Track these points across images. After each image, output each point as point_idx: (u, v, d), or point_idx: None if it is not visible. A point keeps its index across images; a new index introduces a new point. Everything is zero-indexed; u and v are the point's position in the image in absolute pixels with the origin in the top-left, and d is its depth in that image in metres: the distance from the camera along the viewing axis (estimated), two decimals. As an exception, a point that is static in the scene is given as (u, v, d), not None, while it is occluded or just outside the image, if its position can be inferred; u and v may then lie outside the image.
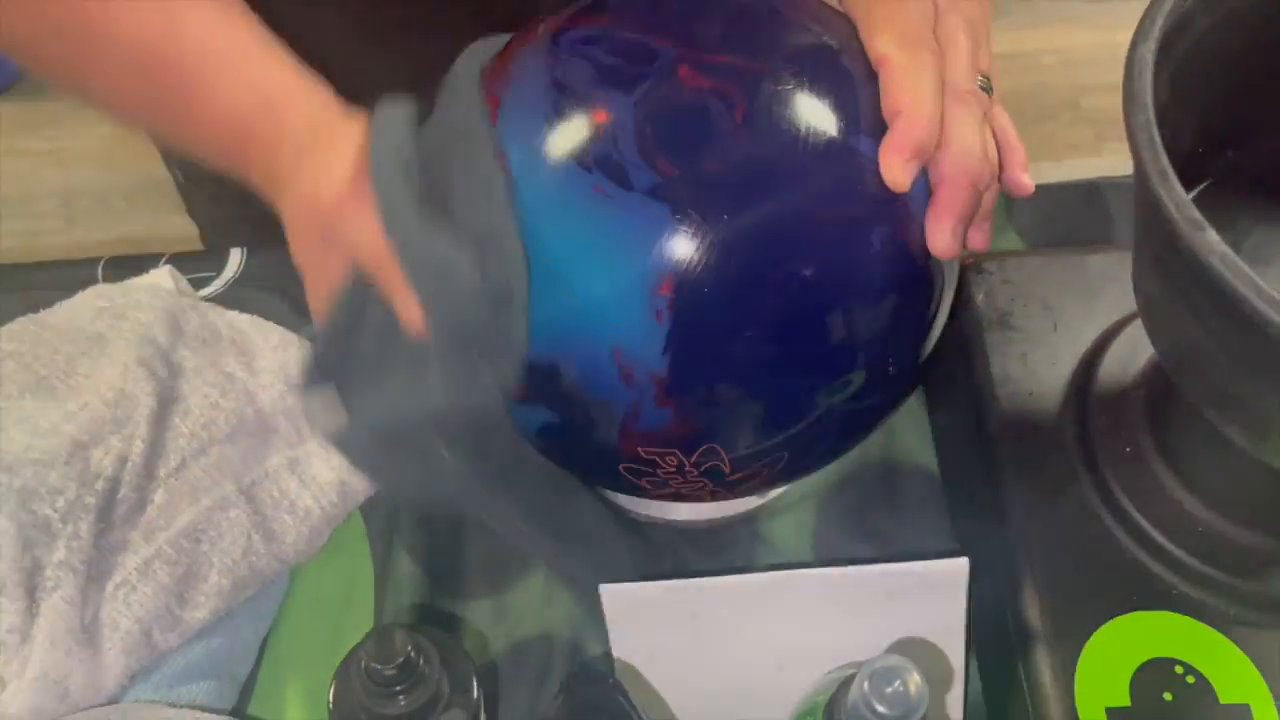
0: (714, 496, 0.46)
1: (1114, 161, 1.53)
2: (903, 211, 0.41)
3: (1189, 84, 0.40)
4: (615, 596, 0.44)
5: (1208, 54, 0.40)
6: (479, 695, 0.40)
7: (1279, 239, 0.45)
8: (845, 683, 0.34)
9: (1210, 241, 0.32)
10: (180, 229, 0.87)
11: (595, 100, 0.39)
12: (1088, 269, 0.56)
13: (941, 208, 0.41)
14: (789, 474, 0.46)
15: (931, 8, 0.42)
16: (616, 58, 0.40)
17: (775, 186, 0.39)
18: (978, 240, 0.45)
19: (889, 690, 0.32)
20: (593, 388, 0.40)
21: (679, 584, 0.44)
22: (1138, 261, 0.41)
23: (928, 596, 0.45)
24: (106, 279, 0.64)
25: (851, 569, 0.45)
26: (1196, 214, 0.33)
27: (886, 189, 0.40)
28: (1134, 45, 0.37)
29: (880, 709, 0.32)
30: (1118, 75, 0.37)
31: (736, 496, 0.47)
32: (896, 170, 0.39)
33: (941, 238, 0.40)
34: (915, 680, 0.32)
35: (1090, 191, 0.67)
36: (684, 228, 0.38)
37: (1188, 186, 0.46)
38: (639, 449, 0.42)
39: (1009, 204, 0.68)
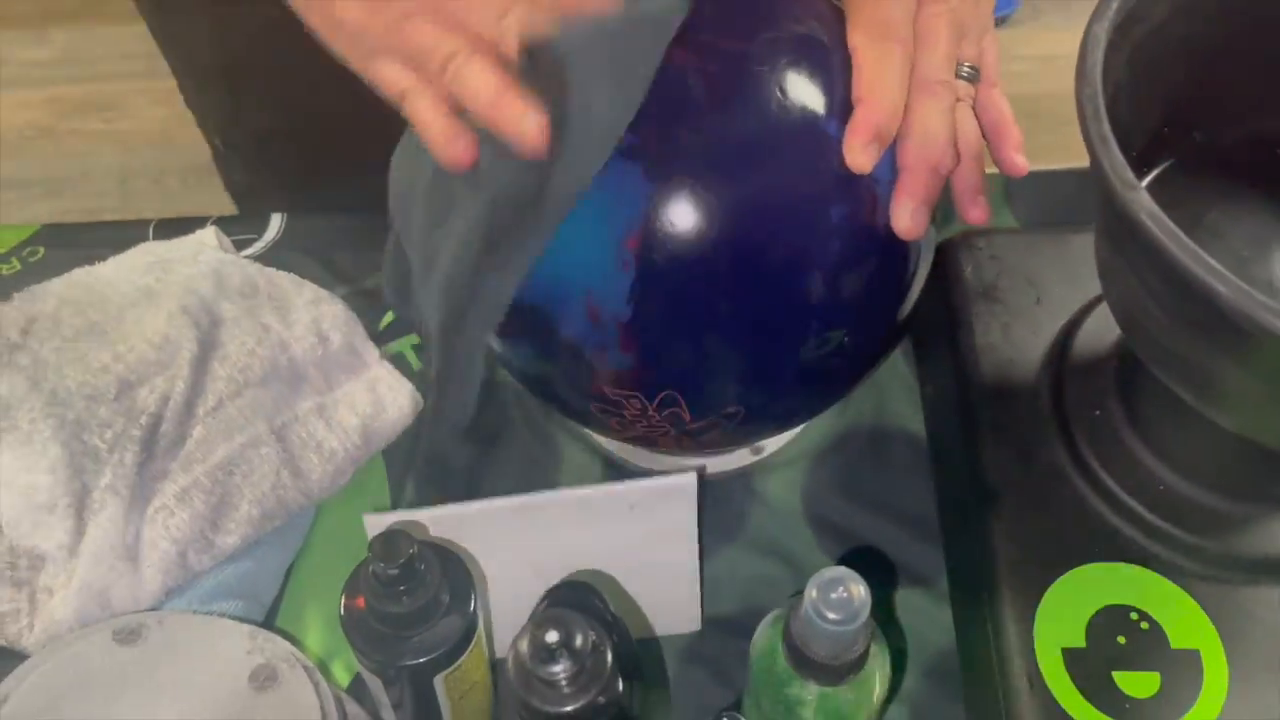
0: (679, 444, 0.49)
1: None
2: (867, 188, 0.44)
3: (1148, 66, 0.43)
4: (377, 524, 0.46)
5: (1167, 40, 0.43)
6: (475, 608, 0.43)
7: (1236, 216, 0.48)
8: (794, 602, 0.38)
9: (1140, 200, 0.35)
10: (230, 208, 0.92)
11: None
12: (1071, 247, 0.59)
13: (902, 192, 0.44)
14: (747, 430, 0.49)
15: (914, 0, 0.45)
16: None
17: (744, 157, 0.42)
18: (977, 216, 0.48)
19: (834, 596, 0.35)
20: (566, 327, 0.44)
21: (439, 511, 0.46)
22: (1096, 229, 0.44)
23: (663, 506, 0.48)
24: (157, 237, 0.68)
25: (592, 489, 0.47)
26: (1131, 176, 0.36)
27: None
28: (1090, 24, 0.40)
29: (829, 614, 0.35)
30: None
31: (703, 447, 0.50)
32: (856, 153, 0.42)
33: (902, 218, 0.44)
34: (858, 588, 0.35)
35: (1085, 177, 0.70)
36: (653, 188, 0.41)
37: (1153, 163, 0.49)
38: (605, 389, 0.45)
39: (1008, 189, 0.71)
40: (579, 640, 0.34)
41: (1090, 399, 0.53)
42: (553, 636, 0.34)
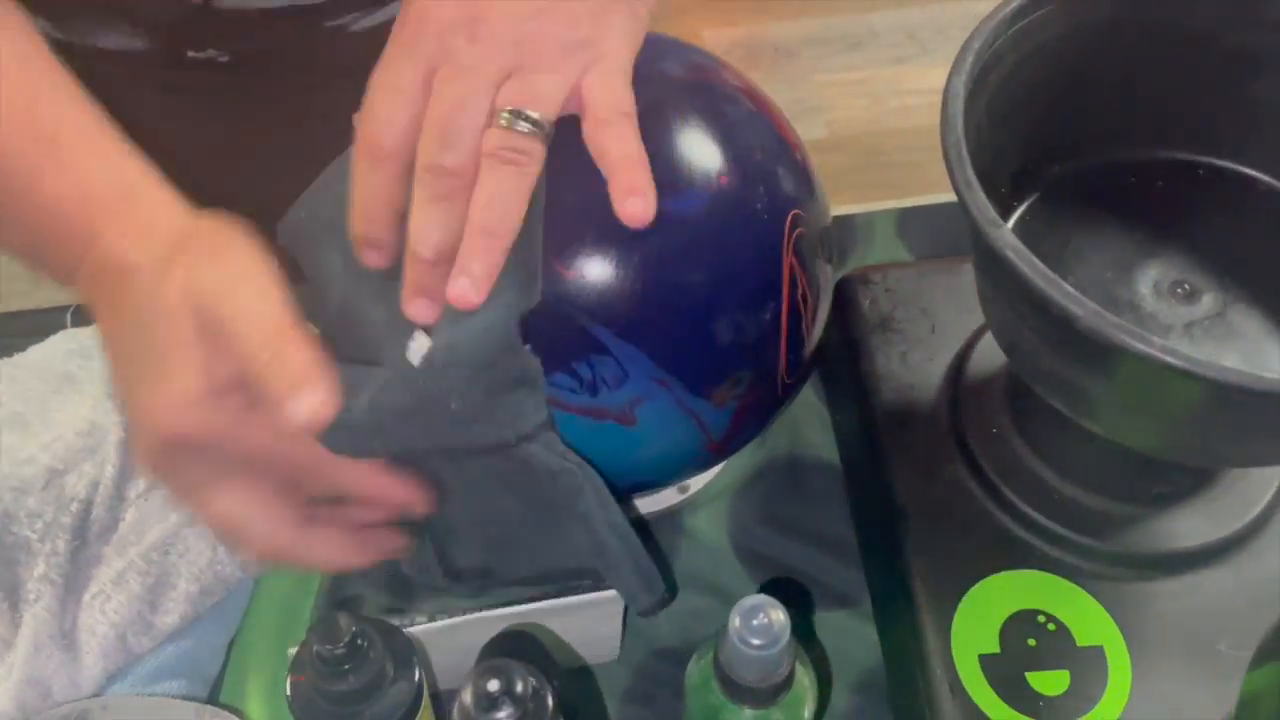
0: None
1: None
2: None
3: (1006, 110, 0.47)
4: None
5: (1019, 84, 0.47)
6: (420, 674, 0.45)
7: (1100, 240, 0.52)
8: (720, 632, 0.40)
9: (1004, 236, 0.39)
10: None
11: None
12: (961, 276, 0.62)
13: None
14: None
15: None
16: None
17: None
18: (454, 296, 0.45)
19: (756, 623, 0.38)
20: None
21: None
22: (973, 264, 0.48)
23: (593, 615, 0.51)
24: (75, 324, 0.69)
25: (525, 607, 0.49)
26: (994, 214, 0.40)
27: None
28: (949, 78, 0.44)
29: (752, 640, 0.38)
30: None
31: None
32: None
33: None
34: (777, 614, 0.38)
35: (971, 209, 0.74)
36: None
37: (1020, 198, 0.53)
38: None
39: (901, 222, 0.75)
40: (520, 686, 0.36)
41: (985, 418, 0.56)
42: (494, 685, 0.35)
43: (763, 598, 0.38)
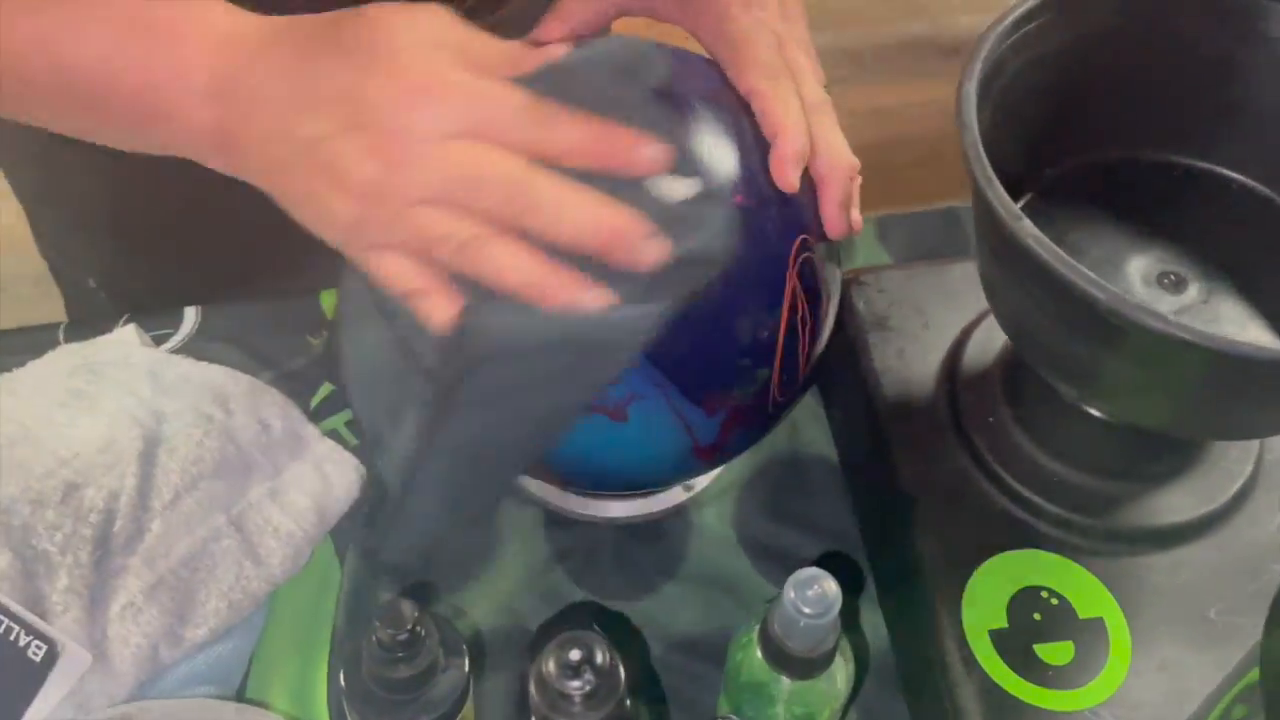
0: None
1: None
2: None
3: (1008, 115, 0.50)
4: None
5: (1020, 91, 0.51)
6: (468, 664, 0.46)
7: (1093, 235, 0.56)
8: (772, 604, 0.42)
9: (1027, 228, 0.42)
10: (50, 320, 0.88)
11: None
12: (948, 277, 0.66)
13: (829, 201, 0.50)
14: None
15: (775, 40, 0.51)
16: None
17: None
18: (857, 221, 0.52)
19: (810, 593, 0.40)
20: None
21: None
22: (979, 254, 0.51)
23: None
24: (68, 340, 0.69)
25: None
26: (1016, 209, 0.43)
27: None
28: (960, 84, 0.47)
29: (806, 610, 0.40)
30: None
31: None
32: (789, 176, 0.48)
33: (837, 221, 0.50)
34: (830, 585, 0.40)
35: (948, 216, 0.78)
36: None
37: (1015, 198, 0.56)
38: None
39: (881, 229, 0.78)
40: (599, 657, 0.37)
41: (983, 408, 0.59)
42: (576, 654, 0.37)
43: (817, 570, 0.40)
